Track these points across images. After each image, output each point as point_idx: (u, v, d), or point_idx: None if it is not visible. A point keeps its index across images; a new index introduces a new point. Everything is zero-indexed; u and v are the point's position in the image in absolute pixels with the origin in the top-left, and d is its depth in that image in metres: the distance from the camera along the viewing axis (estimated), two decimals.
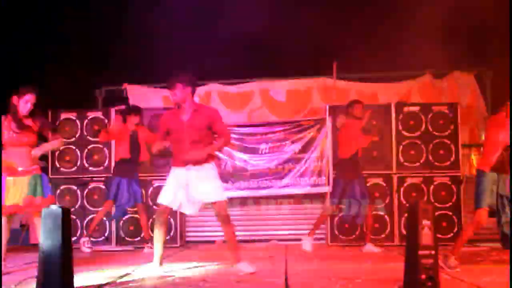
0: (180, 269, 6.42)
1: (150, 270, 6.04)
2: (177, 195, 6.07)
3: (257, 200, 10.29)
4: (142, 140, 9.03)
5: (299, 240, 9.33)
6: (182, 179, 6.02)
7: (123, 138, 9.03)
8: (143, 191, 9.40)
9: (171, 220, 9.55)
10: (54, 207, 4.97)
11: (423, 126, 9.63)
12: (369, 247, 8.54)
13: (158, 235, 6.07)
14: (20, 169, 6.26)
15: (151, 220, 9.20)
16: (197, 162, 5.97)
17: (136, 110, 9.18)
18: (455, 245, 6.36)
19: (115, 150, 9.34)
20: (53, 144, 6.47)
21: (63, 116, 9.95)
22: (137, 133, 9.04)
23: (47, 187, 6.45)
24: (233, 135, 10.09)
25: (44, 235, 4.87)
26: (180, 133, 6.01)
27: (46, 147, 6.48)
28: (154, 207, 9.43)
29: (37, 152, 6.38)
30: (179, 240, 9.70)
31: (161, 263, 6.13)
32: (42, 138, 6.54)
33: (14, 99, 6.30)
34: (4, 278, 5.62)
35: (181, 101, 6.00)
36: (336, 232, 9.62)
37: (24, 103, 6.29)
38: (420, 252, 4.59)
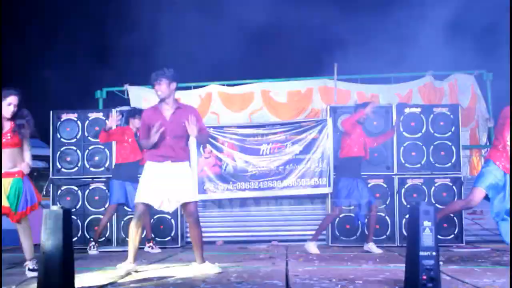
0: (181, 270, 6.41)
1: (123, 268, 6.03)
2: (156, 192, 6.06)
3: (258, 201, 10.30)
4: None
5: (301, 241, 9.36)
6: (159, 175, 6.01)
7: (124, 140, 9.03)
8: None
9: (172, 221, 9.57)
10: (55, 208, 4.98)
11: (424, 128, 9.64)
12: (371, 246, 8.56)
13: (134, 236, 6.08)
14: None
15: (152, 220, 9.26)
16: (177, 158, 6.05)
17: (137, 113, 9.17)
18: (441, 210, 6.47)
19: (116, 152, 9.34)
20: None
21: (64, 117, 9.96)
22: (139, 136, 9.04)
23: (30, 193, 6.39)
24: (234, 136, 10.13)
25: (45, 236, 4.87)
26: (167, 129, 6.05)
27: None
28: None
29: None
30: (180, 241, 9.72)
31: (134, 261, 6.21)
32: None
33: None
34: (4, 278, 5.63)
35: (167, 97, 6.06)
36: (337, 233, 9.62)
37: (7, 105, 6.26)
38: (421, 253, 4.59)
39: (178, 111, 6.12)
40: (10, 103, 6.26)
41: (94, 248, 8.98)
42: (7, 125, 6.27)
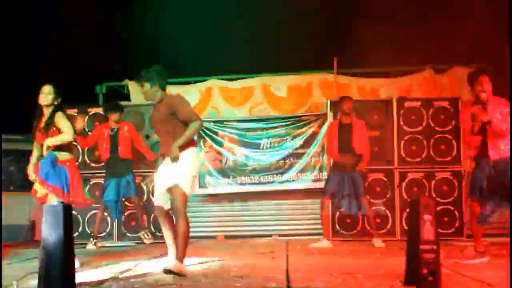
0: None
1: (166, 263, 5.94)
2: (156, 190, 5.91)
3: (258, 195, 10.30)
4: (124, 136, 9.02)
5: (301, 235, 9.40)
6: (159, 173, 5.88)
7: (103, 138, 9.08)
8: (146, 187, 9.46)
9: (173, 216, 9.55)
10: (55, 203, 4.98)
11: (425, 121, 9.64)
12: (377, 242, 8.56)
13: (165, 234, 5.95)
14: None
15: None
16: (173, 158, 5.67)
17: (115, 107, 9.18)
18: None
19: (99, 152, 9.36)
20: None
21: None
22: (118, 130, 9.04)
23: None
24: (234, 130, 10.13)
25: (46, 231, 4.87)
26: (154, 127, 6.02)
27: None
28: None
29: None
30: None
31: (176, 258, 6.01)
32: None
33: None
34: (6, 273, 5.63)
35: (151, 99, 5.94)
36: (338, 227, 9.62)
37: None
38: (422, 247, 4.59)
39: (158, 106, 5.88)
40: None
41: (92, 244, 8.98)
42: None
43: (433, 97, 10.25)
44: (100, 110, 10.00)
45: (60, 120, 6.32)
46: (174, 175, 5.57)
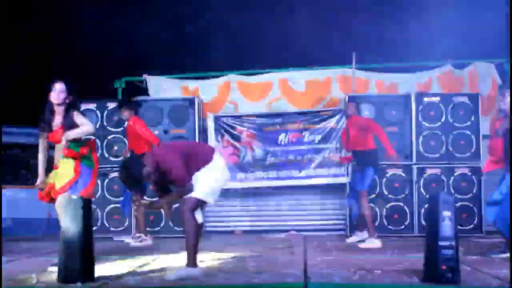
0: (199, 259, 6.43)
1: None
2: None
3: (275, 190, 10.29)
4: (130, 131, 8.90)
5: (319, 231, 9.40)
6: None
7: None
8: None
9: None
10: (75, 197, 5.02)
11: (444, 117, 9.58)
12: (370, 240, 8.05)
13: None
14: None
15: None
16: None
17: (126, 104, 9.07)
18: None
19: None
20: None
21: (84, 107, 9.98)
22: (131, 126, 8.89)
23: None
24: (252, 125, 10.14)
25: (65, 225, 4.92)
26: None
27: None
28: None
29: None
30: None
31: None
32: None
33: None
34: (26, 267, 5.68)
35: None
36: (355, 223, 9.59)
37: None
38: (440, 243, 4.57)
39: None
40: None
41: (136, 239, 8.82)
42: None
43: (452, 92, 10.19)
44: None
45: (78, 117, 6.19)
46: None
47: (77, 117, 6.19)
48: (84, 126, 6.15)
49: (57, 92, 6.18)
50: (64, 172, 6.07)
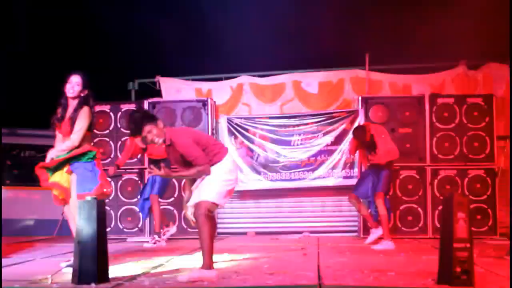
0: (213, 261, 6.45)
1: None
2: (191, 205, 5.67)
3: (289, 191, 10.30)
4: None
5: (332, 232, 9.39)
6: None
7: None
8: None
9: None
10: (89, 198, 5.05)
11: (458, 118, 9.55)
12: (385, 243, 7.94)
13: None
14: None
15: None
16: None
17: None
18: None
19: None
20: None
21: (97, 108, 10.02)
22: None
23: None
24: (265, 127, 10.15)
25: (80, 226, 4.94)
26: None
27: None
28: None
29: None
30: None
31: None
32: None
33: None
34: (41, 268, 5.71)
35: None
36: (369, 225, 9.56)
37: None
38: (455, 245, 4.55)
39: (169, 150, 5.57)
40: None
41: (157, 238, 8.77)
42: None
43: (466, 93, 10.15)
44: (132, 107, 10.06)
45: (81, 117, 6.02)
46: (201, 191, 5.37)
47: (79, 119, 6.02)
48: (69, 140, 5.99)
49: (72, 85, 6.09)
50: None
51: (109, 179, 9.28)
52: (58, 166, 5.99)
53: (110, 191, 6.39)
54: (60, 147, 6.05)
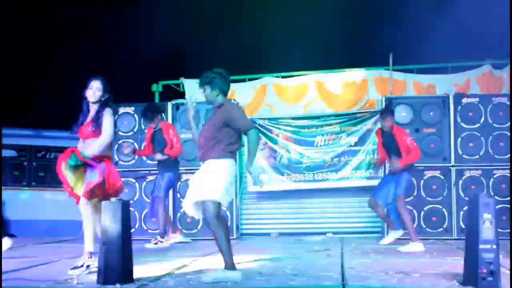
0: (236, 262, 6.45)
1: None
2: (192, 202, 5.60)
3: (312, 192, 10.29)
4: (166, 136, 8.92)
5: (356, 233, 9.37)
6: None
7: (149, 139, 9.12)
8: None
9: (227, 212, 9.53)
10: (114, 200, 5.09)
11: (483, 118, 9.45)
12: (410, 247, 7.77)
13: None
14: None
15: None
16: (202, 158, 5.52)
17: (153, 109, 9.16)
18: None
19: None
20: None
21: (122, 110, 10.10)
22: (160, 130, 8.97)
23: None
24: (288, 128, 10.15)
25: (105, 227, 4.99)
26: (202, 127, 5.80)
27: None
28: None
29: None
30: (235, 233, 9.75)
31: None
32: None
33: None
34: (66, 269, 5.76)
35: (209, 101, 5.80)
36: (387, 225, 9.52)
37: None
38: (481, 246, 4.50)
39: (215, 112, 5.69)
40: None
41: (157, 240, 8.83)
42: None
43: (491, 93, 10.04)
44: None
45: (106, 119, 6.06)
46: (204, 188, 5.30)
47: (105, 119, 6.06)
48: (100, 139, 6.02)
49: (94, 90, 6.11)
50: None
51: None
52: (77, 164, 6.02)
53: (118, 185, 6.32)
54: (97, 142, 6.00)
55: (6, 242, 7.82)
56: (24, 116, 15.85)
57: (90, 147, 6.00)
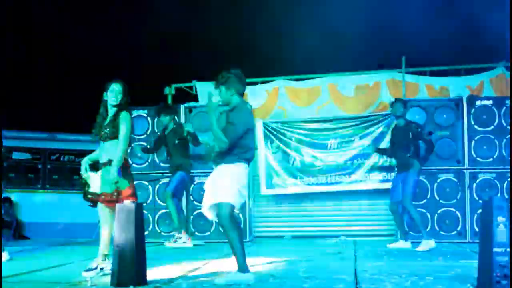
0: (249, 265, 6.46)
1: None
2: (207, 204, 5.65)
3: (325, 195, 10.26)
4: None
5: (369, 236, 9.36)
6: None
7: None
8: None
9: (240, 215, 9.52)
10: (128, 203, 5.12)
11: (496, 120, 9.40)
12: (425, 242, 8.13)
13: None
14: None
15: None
16: (216, 161, 5.57)
17: (165, 110, 9.26)
18: None
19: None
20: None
21: (135, 113, 10.13)
22: (171, 131, 9.06)
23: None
24: (301, 131, 10.14)
25: (118, 230, 5.01)
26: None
27: None
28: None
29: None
30: (248, 235, 9.75)
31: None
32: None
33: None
34: (80, 270, 5.79)
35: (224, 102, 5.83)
36: (406, 228, 9.47)
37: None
38: (495, 250, 4.48)
39: (229, 115, 5.75)
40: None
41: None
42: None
43: (505, 95, 10.00)
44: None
45: (122, 121, 6.04)
46: (217, 192, 5.35)
47: (121, 124, 6.04)
48: (119, 145, 5.99)
49: (115, 93, 6.11)
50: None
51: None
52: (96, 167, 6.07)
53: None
54: (118, 153, 5.97)
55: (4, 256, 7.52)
56: (38, 119, 15.93)
57: (115, 159, 5.95)
